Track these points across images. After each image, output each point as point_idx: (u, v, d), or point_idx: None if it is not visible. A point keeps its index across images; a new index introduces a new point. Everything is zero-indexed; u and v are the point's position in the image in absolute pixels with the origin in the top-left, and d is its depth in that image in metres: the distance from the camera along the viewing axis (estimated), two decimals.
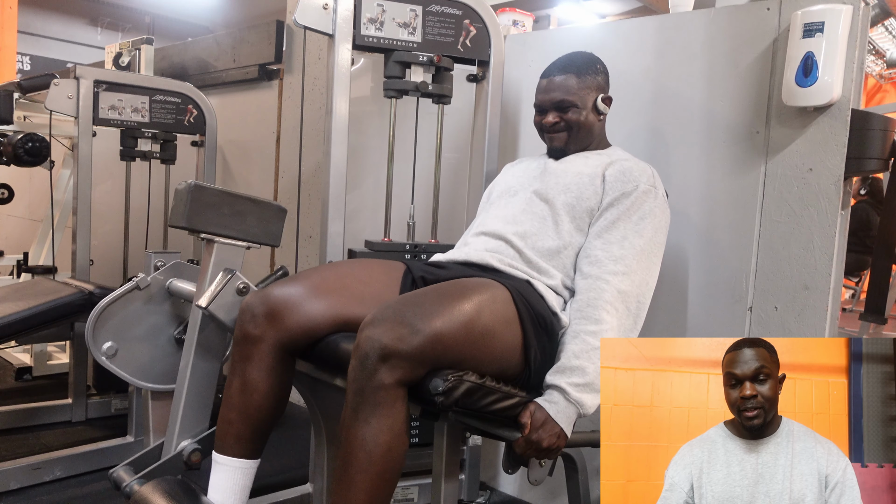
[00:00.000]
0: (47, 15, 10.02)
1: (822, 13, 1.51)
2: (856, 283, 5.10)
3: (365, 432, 1.15)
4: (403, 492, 2.03)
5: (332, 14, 1.77)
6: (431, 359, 1.16)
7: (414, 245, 1.95)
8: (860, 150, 1.55)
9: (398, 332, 1.14)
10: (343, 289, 1.40)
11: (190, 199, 1.46)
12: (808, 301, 1.60)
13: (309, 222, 2.88)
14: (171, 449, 1.51)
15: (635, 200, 1.43)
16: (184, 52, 3.56)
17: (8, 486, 2.05)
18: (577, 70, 1.58)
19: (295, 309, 1.35)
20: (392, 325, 1.15)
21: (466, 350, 1.21)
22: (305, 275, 1.42)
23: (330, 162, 1.81)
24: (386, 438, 1.15)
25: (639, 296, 1.37)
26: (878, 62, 7.83)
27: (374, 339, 1.14)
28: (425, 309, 1.18)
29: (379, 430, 1.15)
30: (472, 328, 1.21)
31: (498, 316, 1.27)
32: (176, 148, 2.87)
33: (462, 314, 1.21)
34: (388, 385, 1.14)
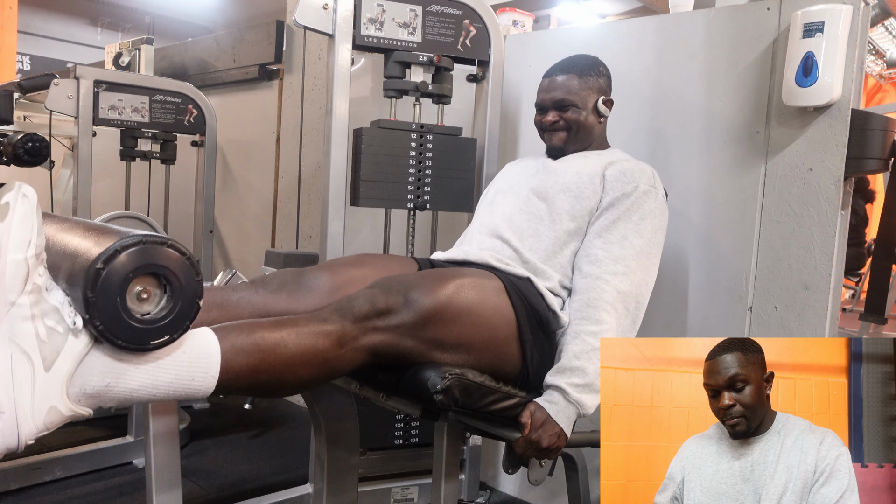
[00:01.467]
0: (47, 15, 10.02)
1: (822, 13, 1.51)
2: (856, 283, 5.09)
3: (300, 329, 1.10)
4: (403, 492, 2.03)
5: (332, 14, 1.77)
6: (420, 335, 1.17)
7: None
8: (860, 150, 1.55)
9: (393, 299, 1.16)
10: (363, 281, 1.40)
11: None
12: (808, 301, 1.60)
13: (309, 222, 2.88)
14: None
15: (635, 201, 1.43)
16: (184, 52, 3.56)
17: (8, 486, 2.05)
18: (580, 71, 1.58)
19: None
20: (382, 291, 1.17)
21: (453, 327, 1.21)
22: (329, 266, 1.41)
23: (330, 162, 1.81)
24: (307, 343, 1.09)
25: (638, 296, 1.37)
26: (878, 62, 7.83)
27: (373, 297, 1.16)
28: (412, 281, 1.21)
29: (310, 338, 1.09)
30: (456, 301, 1.22)
31: (485, 298, 1.27)
32: (176, 148, 2.87)
33: (447, 289, 1.22)
34: (363, 329, 1.14)
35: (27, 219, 0.87)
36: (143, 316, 0.91)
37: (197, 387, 0.99)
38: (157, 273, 0.92)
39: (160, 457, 1.47)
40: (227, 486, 2.18)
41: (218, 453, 2.45)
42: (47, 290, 0.90)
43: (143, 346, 0.92)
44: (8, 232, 0.86)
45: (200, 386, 0.99)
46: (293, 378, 1.09)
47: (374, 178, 1.86)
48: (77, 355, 0.90)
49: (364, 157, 1.84)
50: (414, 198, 1.92)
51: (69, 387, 0.90)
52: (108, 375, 0.92)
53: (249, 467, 2.33)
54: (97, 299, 0.87)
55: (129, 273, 0.89)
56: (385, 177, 1.87)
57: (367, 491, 1.98)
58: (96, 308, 0.87)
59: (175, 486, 1.48)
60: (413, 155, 1.90)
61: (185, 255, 0.94)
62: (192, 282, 0.94)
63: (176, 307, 0.93)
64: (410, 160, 1.90)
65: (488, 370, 1.25)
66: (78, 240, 0.95)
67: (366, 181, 1.85)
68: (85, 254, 0.90)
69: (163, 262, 0.92)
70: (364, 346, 1.15)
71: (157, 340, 0.93)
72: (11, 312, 0.87)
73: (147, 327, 0.91)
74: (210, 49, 3.39)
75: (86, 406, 0.92)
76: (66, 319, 0.90)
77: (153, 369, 0.95)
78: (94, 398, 0.92)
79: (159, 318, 0.92)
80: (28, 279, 0.87)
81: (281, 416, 2.89)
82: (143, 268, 0.90)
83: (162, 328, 0.92)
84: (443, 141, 1.93)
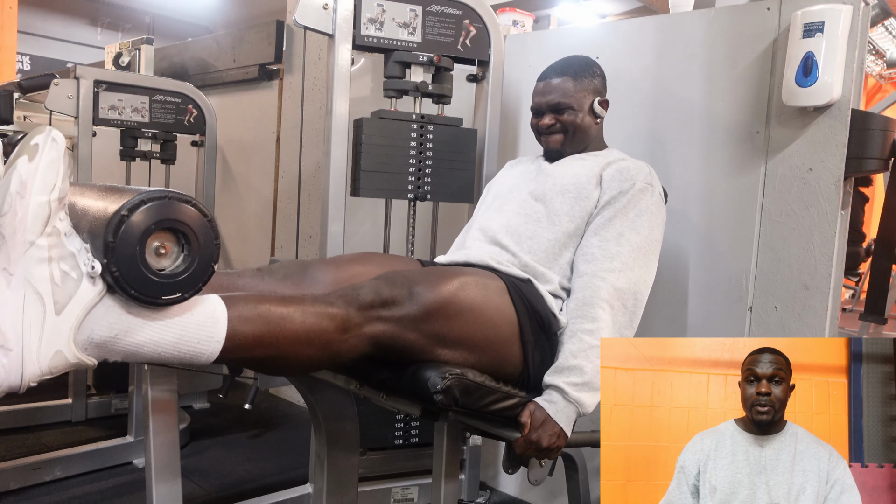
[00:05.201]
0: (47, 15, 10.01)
1: (822, 13, 1.51)
2: (856, 283, 5.09)
3: (297, 312, 1.09)
4: (403, 492, 2.03)
5: (332, 14, 1.77)
6: (422, 328, 1.18)
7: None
8: (860, 150, 1.55)
9: (398, 291, 1.17)
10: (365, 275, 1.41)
11: None
12: (808, 301, 1.60)
13: (309, 222, 2.88)
14: None
15: (632, 198, 1.43)
16: (184, 52, 3.56)
17: (8, 486, 2.05)
18: (574, 73, 1.58)
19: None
20: (387, 283, 1.18)
21: (455, 325, 1.21)
22: (334, 261, 1.43)
23: (330, 162, 1.81)
24: (311, 322, 1.09)
25: (636, 293, 1.37)
26: (878, 62, 7.83)
27: (378, 287, 1.16)
28: (415, 277, 1.21)
29: (314, 317, 1.09)
30: (459, 299, 1.22)
31: (488, 297, 1.27)
32: (176, 148, 2.87)
33: (451, 285, 1.22)
34: (367, 320, 1.14)
35: (54, 163, 0.89)
36: (159, 270, 0.92)
37: (202, 350, 0.99)
38: (178, 230, 0.93)
39: (160, 457, 1.47)
40: (227, 486, 2.18)
41: (218, 453, 2.45)
42: (66, 236, 0.91)
43: (154, 300, 0.93)
44: (34, 173, 0.88)
45: (205, 350, 1.00)
46: (294, 356, 1.09)
47: (375, 168, 1.85)
48: (88, 303, 0.91)
49: (364, 148, 1.83)
50: (414, 188, 1.91)
51: (77, 334, 0.91)
52: (116, 327, 0.93)
53: (249, 467, 2.33)
54: (117, 245, 0.89)
55: (150, 224, 0.90)
56: (385, 167, 1.87)
57: (367, 491, 1.98)
58: (114, 254, 0.89)
59: (175, 487, 1.48)
60: (413, 146, 1.89)
61: (206, 216, 0.95)
62: (210, 243, 0.96)
63: (192, 266, 0.94)
64: (411, 150, 1.89)
65: (489, 370, 1.25)
66: (104, 194, 0.97)
67: (366, 171, 1.84)
68: (111, 204, 0.92)
69: (184, 219, 0.93)
70: (367, 334, 1.15)
71: (169, 297, 0.93)
72: (29, 252, 0.88)
73: (161, 281, 0.92)
74: (210, 49, 3.39)
75: (91, 355, 0.93)
76: (81, 266, 0.91)
77: (161, 327, 0.95)
78: (100, 348, 0.93)
79: (174, 273, 0.93)
80: (49, 221, 0.89)
81: (281, 416, 2.89)
82: (164, 221, 0.92)
83: (175, 284, 0.93)
84: (443, 132, 1.93)
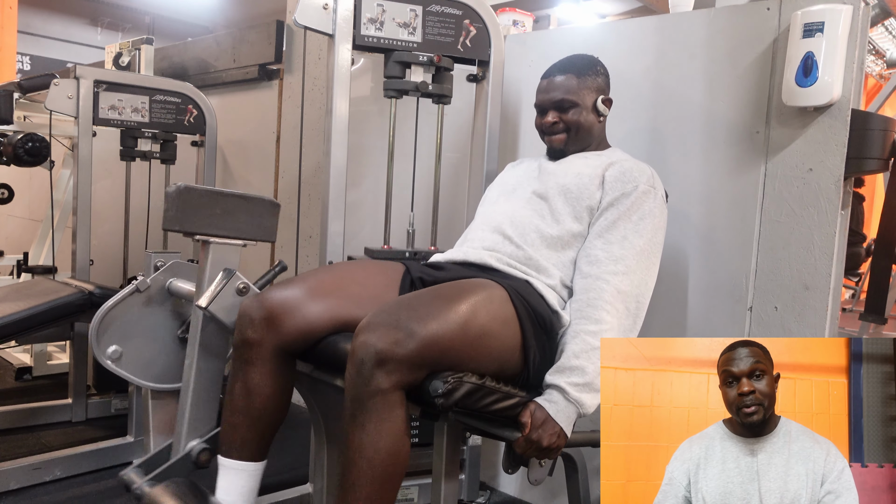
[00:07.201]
0: (47, 15, 10.02)
1: (822, 13, 1.51)
2: (856, 283, 5.09)
3: (363, 438, 1.15)
4: (403, 492, 2.03)
5: (332, 14, 1.77)
6: (429, 362, 1.16)
7: (413, 252, 1.95)
8: (860, 150, 1.55)
9: (394, 336, 1.14)
10: (340, 290, 1.40)
11: (180, 202, 1.45)
12: (808, 301, 1.60)
13: (309, 222, 2.88)
14: (180, 449, 1.51)
15: (635, 201, 1.43)
16: (184, 52, 3.56)
17: (8, 486, 2.04)
18: (578, 71, 1.58)
19: (293, 312, 1.34)
20: (387, 329, 1.14)
21: (464, 351, 1.21)
22: (303, 277, 1.42)
23: (330, 162, 1.81)
24: (386, 444, 1.15)
25: (638, 296, 1.37)
26: (878, 62, 7.82)
27: (370, 345, 1.13)
28: (420, 312, 1.18)
29: (378, 435, 1.15)
30: (469, 329, 1.21)
31: (495, 316, 1.27)
32: (176, 148, 2.87)
33: (458, 316, 1.20)
34: (385, 390, 1.14)
35: None
36: None
37: None
38: None
39: None
40: None
41: None
42: None
43: None
44: None
45: None
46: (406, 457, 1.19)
47: None
48: None
49: None
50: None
51: None
52: None
53: None
54: None
55: None
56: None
57: None
58: None
59: None
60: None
61: None
62: None
63: None
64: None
65: (490, 371, 1.25)
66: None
67: None
68: None
69: None
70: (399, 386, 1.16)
71: None
72: None
73: None
74: (210, 49, 3.39)
75: None
76: None
77: None
78: None
79: None
80: None
81: None
82: None
83: None
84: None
